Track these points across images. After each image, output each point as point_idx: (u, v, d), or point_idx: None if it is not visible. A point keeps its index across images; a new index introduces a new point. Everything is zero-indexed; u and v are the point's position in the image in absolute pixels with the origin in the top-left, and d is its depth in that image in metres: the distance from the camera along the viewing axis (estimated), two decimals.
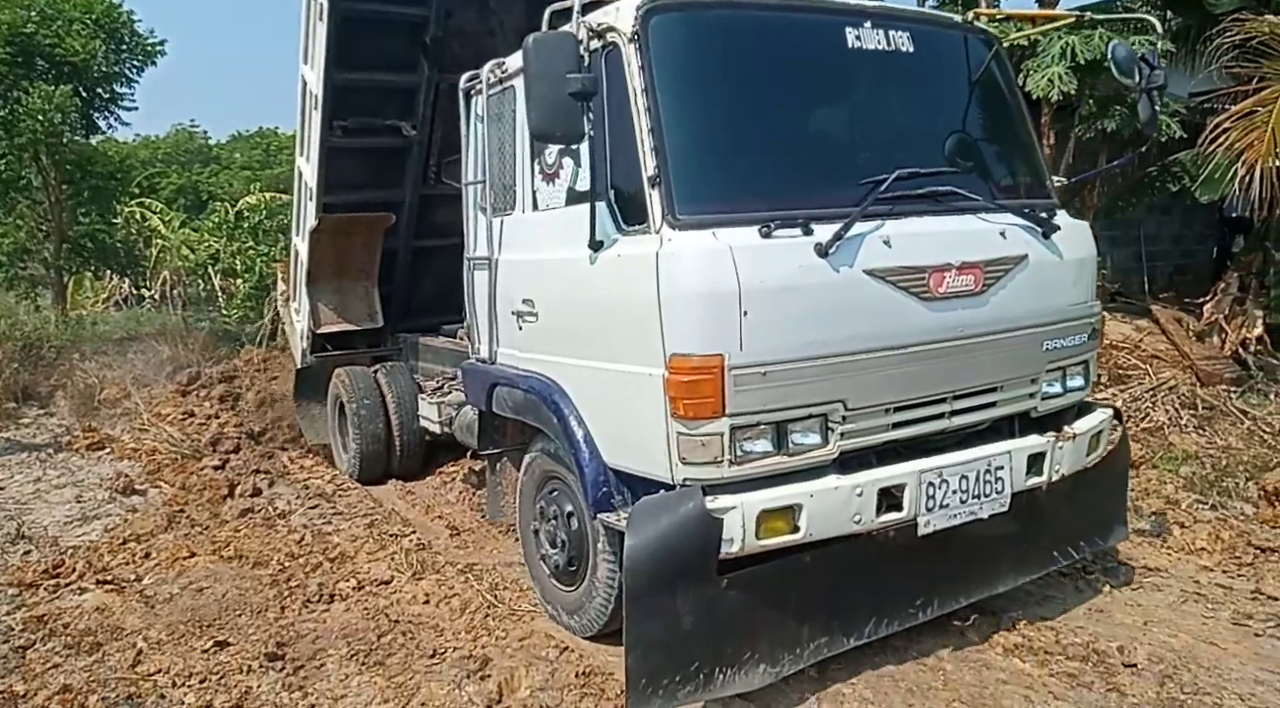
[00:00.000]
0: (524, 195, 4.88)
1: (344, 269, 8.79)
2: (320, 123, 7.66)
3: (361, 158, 8.27)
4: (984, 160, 4.76)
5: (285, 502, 7.68)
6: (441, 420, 7.18)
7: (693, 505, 3.63)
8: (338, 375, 8.65)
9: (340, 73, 7.51)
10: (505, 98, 4.99)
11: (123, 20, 18.04)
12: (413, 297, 9.32)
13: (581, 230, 4.19)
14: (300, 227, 9.02)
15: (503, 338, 5.12)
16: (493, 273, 5.09)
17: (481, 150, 5.27)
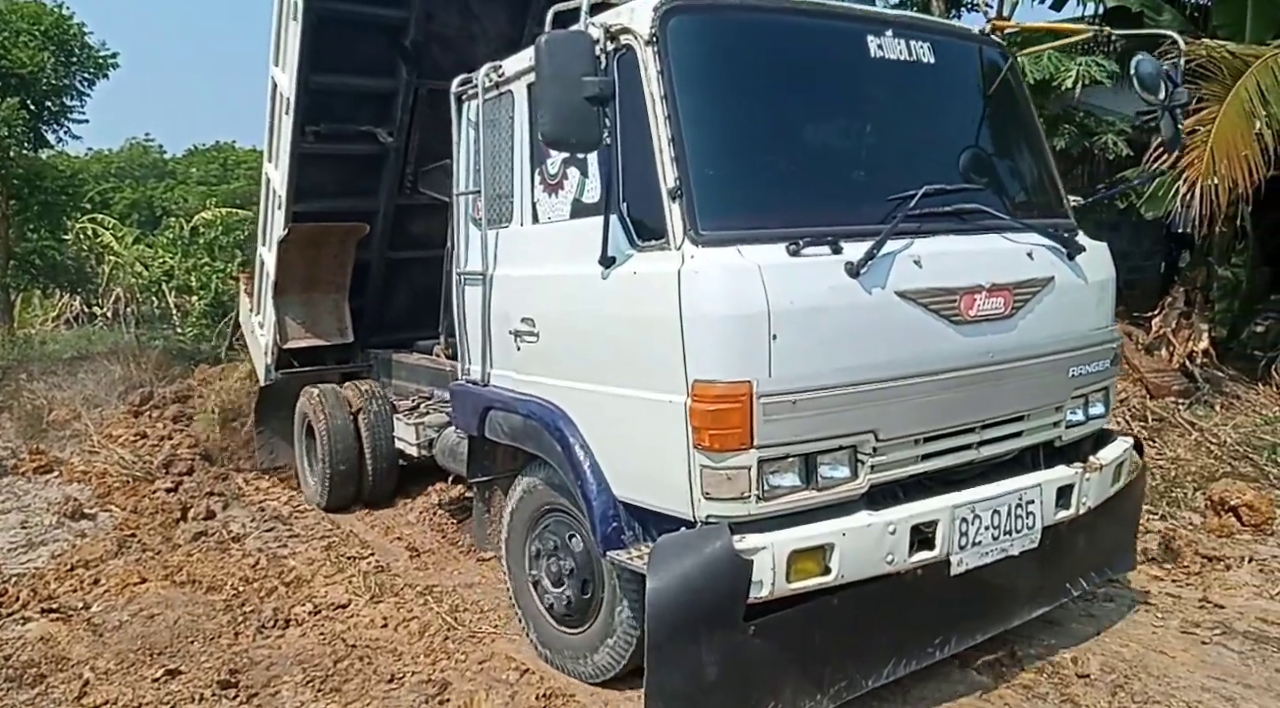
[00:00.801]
0: (523, 207, 4.55)
1: (313, 281, 8.33)
2: (292, 128, 7.25)
3: (334, 165, 7.86)
4: (1004, 177, 4.53)
5: (240, 525, 7.41)
6: (419, 443, 6.77)
7: (719, 545, 3.28)
8: (306, 394, 8.15)
9: (314, 75, 7.09)
10: (502, 103, 4.66)
11: (73, 32, 17.50)
12: (384, 311, 8.87)
13: (589, 245, 3.89)
14: (267, 236, 8.58)
15: (497, 358, 4.77)
16: (487, 289, 4.74)
17: (474, 159, 4.93)
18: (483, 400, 4.81)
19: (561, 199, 4.29)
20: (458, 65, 7.51)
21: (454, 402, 5.19)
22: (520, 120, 4.53)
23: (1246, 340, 10.89)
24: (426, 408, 7.31)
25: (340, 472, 7.68)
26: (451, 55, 7.47)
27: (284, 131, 7.45)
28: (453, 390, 5.22)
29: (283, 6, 7.15)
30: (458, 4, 7.35)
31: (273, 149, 7.95)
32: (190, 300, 16.75)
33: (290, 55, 7.06)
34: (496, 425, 4.68)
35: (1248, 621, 5.10)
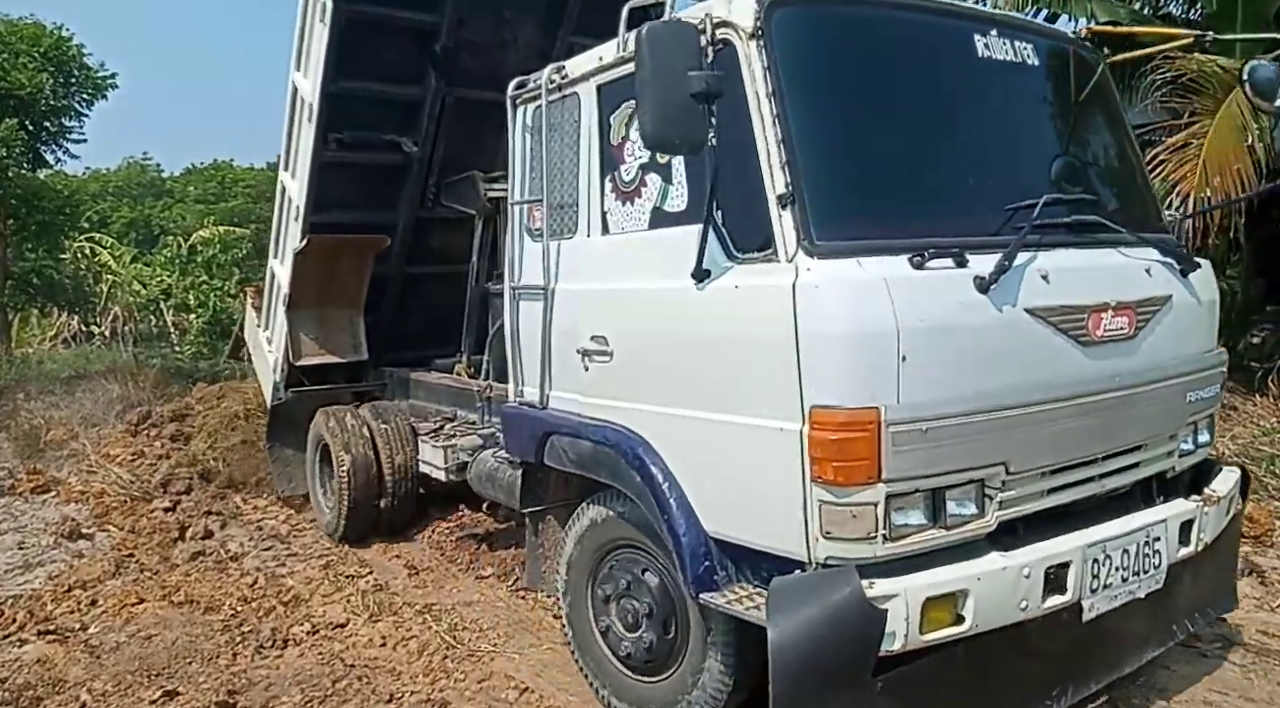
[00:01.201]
0: (590, 217, 4.19)
1: (328, 296, 7.89)
2: (314, 135, 6.84)
3: (355, 175, 7.46)
4: (1109, 188, 4.22)
5: (238, 544, 7.31)
6: (448, 467, 6.34)
7: (849, 592, 2.90)
8: (322, 416, 7.66)
9: (340, 81, 6.72)
10: (566, 106, 4.30)
11: (72, 54, 17.54)
12: (399, 328, 8.44)
13: (673, 257, 3.55)
14: (280, 248, 8.15)
15: (559, 379, 4.38)
16: (548, 305, 4.36)
17: (532, 166, 4.59)
18: (543, 425, 4.41)
19: (638, 208, 3.92)
20: (487, 74, 7.22)
21: (506, 425, 4.78)
22: (588, 124, 4.17)
23: (1243, 352, 10.69)
24: (452, 430, 6.85)
25: (359, 499, 7.20)
26: (480, 63, 7.14)
27: (305, 139, 7.07)
28: (504, 413, 4.83)
29: (308, 8, 6.78)
30: (490, 10, 7.02)
31: (291, 157, 7.54)
32: (188, 318, 17.01)
33: (315, 59, 6.69)
34: (560, 452, 4.27)
35: (1249, 633, 4.96)
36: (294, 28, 6.98)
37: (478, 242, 7.41)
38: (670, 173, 3.73)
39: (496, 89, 7.35)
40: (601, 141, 4.12)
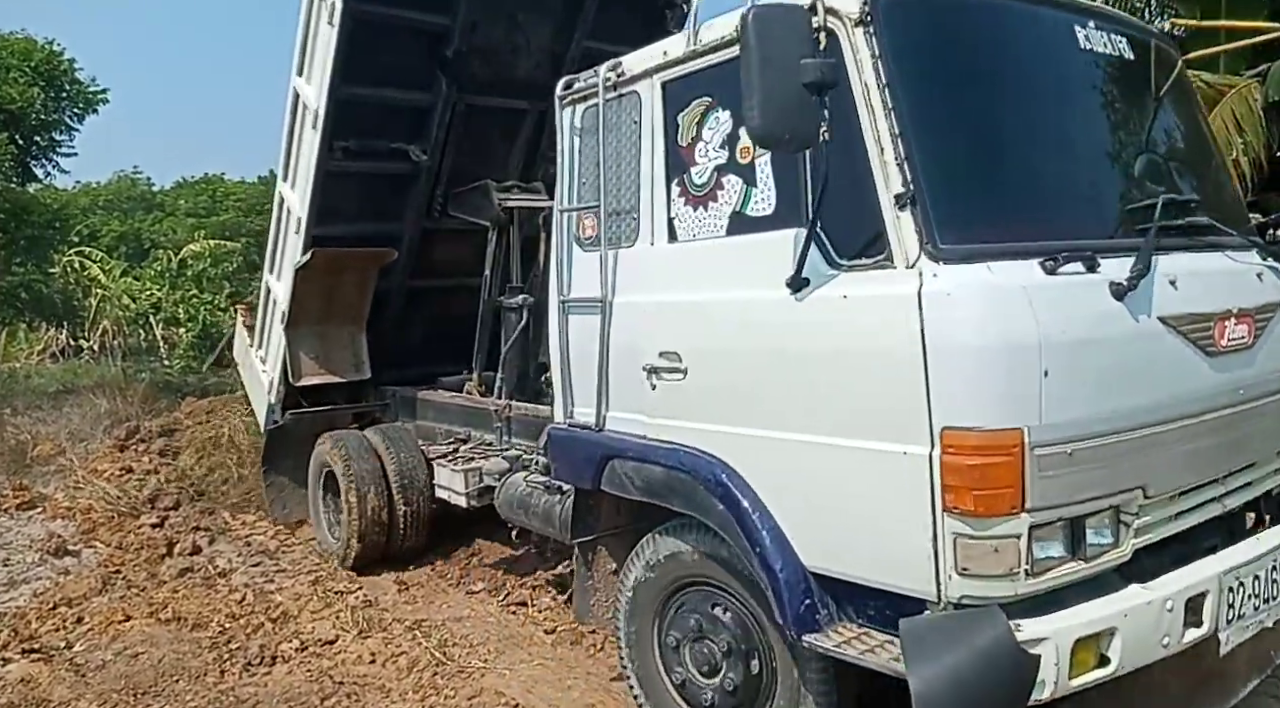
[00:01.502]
0: (653, 224, 3.81)
1: (329, 313, 7.38)
2: (318, 143, 6.38)
3: (360, 185, 7.00)
4: (1205, 188, 3.82)
5: (226, 560, 7.10)
6: (469, 492, 5.89)
7: (999, 636, 2.54)
8: (326, 441, 7.13)
9: (347, 87, 6.26)
10: (624, 106, 3.94)
11: (63, 68, 17.16)
12: (399, 344, 7.92)
13: (759, 266, 3.22)
14: (276, 263, 7.63)
15: (619, 399, 3.99)
16: (605, 319, 3.98)
17: (583, 171, 4.20)
18: (601, 448, 4.02)
19: (713, 213, 3.56)
20: (498, 80, 6.87)
21: (555, 449, 4.38)
22: (651, 125, 3.81)
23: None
24: (469, 452, 6.38)
25: (369, 527, 6.67)
26: (492, 69, 6.78)
27: (308, 147, 6.60)
28: (553, 436, 4.43)
29: (313, 10, 6.33)
30: (503, 13, 6.63)
31: (291, 168, 7.05)
32: (178, 333, 16.41)
33: (320, 64, 6.24)
34: (623, 478, 3.88)
35: None
36: (296, 32, 6.54)
37: (491, 254, 7.01)
38: (753, 174, 3.38)
39: (507, 96, 7.06)
40: (667, 143, 3.75)
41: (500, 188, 6.88)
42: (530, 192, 7.07)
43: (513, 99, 7.05)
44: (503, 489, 5.44)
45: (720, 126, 3.54)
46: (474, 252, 7.67)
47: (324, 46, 6.10)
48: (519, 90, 7.01)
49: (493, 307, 7.08)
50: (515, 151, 7.50)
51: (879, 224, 2.90)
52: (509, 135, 7.38)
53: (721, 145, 3.53)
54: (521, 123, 7.33)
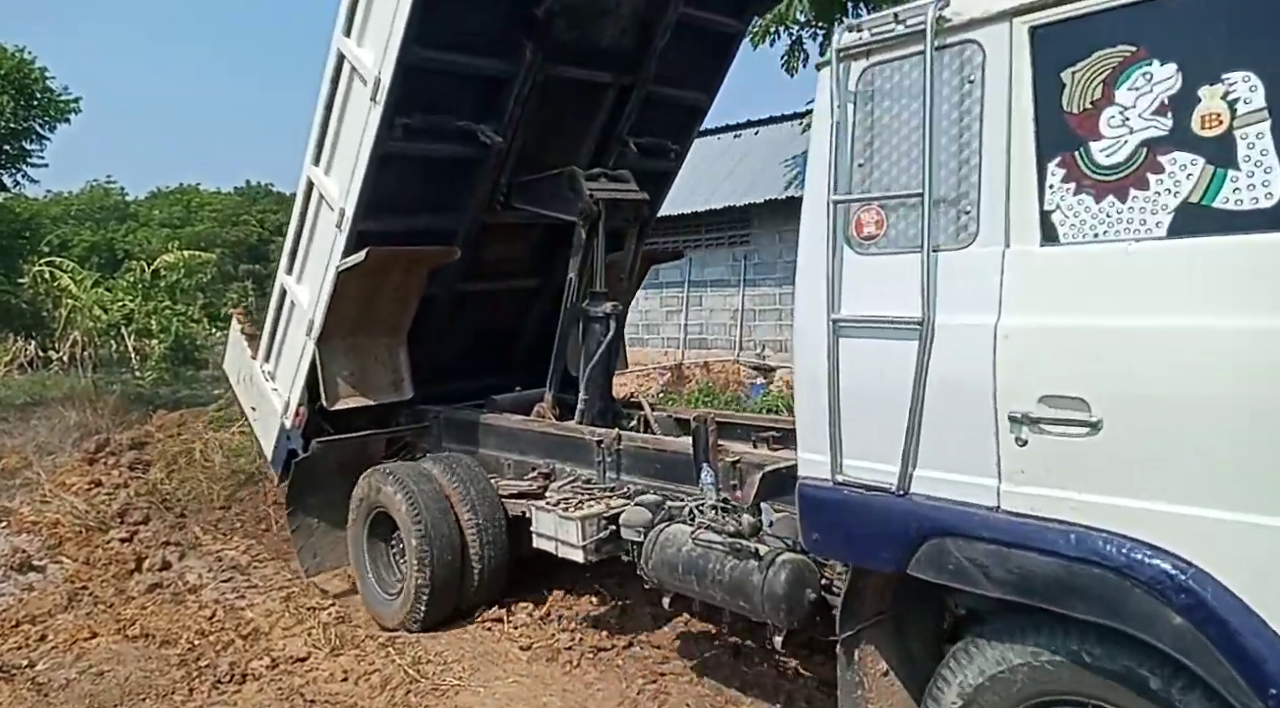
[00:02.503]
0: (1008, 219, 2.61)
1: (365, 322, 5.81)
2: (379, 119, 4.92)
3: (416, 171, 5.47)
4: None
5: (196, 575, 6.54)
6: (588, 545, 4.44)
7: None
8: (377, 477, 5.58)
9: (420, 50, 4.81)
10: (960, 62, 2.71)
11: (34, 77, 15.56)
12: (437, 358, 6.35)
13: (1249, 281, 2.13)
14: (299, 264, 5.99)
15: (944, 455, 2.76)
16: (925, 346, 2.73)
17: (868, 148, 2.94)
18: (916, 521, 2.81)
19: (1140, 205, 2.39)
20: (580, 49, 5.43)
21: (819, 515, 3.13)
22: (1006, 84, 2.60)
23: None
24: (566, 491, 4.95)
25: (441, 581, 5.22)
26: (575, 35, 5.37)
27: (357, 125, 5.13)
28: (812, 496, 3.12)
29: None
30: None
31: (329, 150, 5.49)
32: (150, 344, 15.00)
33: (387, 20, 4.78)
34: (964, 565, 2.68)
35: None
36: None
37: (579, 254, 5.59)
38: (1229, 152, 2.23)
39: (591, 67, 5.59)
40: (1040, 109, 2.56)
41: (590, 176, 5.55)
42: (618, 181, 5.75)
43: (596, 71, 5.68)
44: (656, 547, 4.10)
45: (1156, 86, 2.32)
46: (529, 251, 6.43)
47: (399, 10, 4.65)
48: (603, 61, 5.67)
49: (575, 315, 5.71)
50: (588, 136, 6.09)
51: None
52: (584, 115, 5.99)
53: (1158, 111, 2.29)
54: (601, 100, 5.96)
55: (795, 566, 3.57)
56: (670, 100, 6.13)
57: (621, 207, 5.68)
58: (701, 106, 6.48)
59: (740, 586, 3.62)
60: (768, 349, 15.14)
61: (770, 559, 3.58)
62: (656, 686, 4.53)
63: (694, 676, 4.64)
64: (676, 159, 6.56)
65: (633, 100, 5.87)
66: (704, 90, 6.35)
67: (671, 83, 5.97)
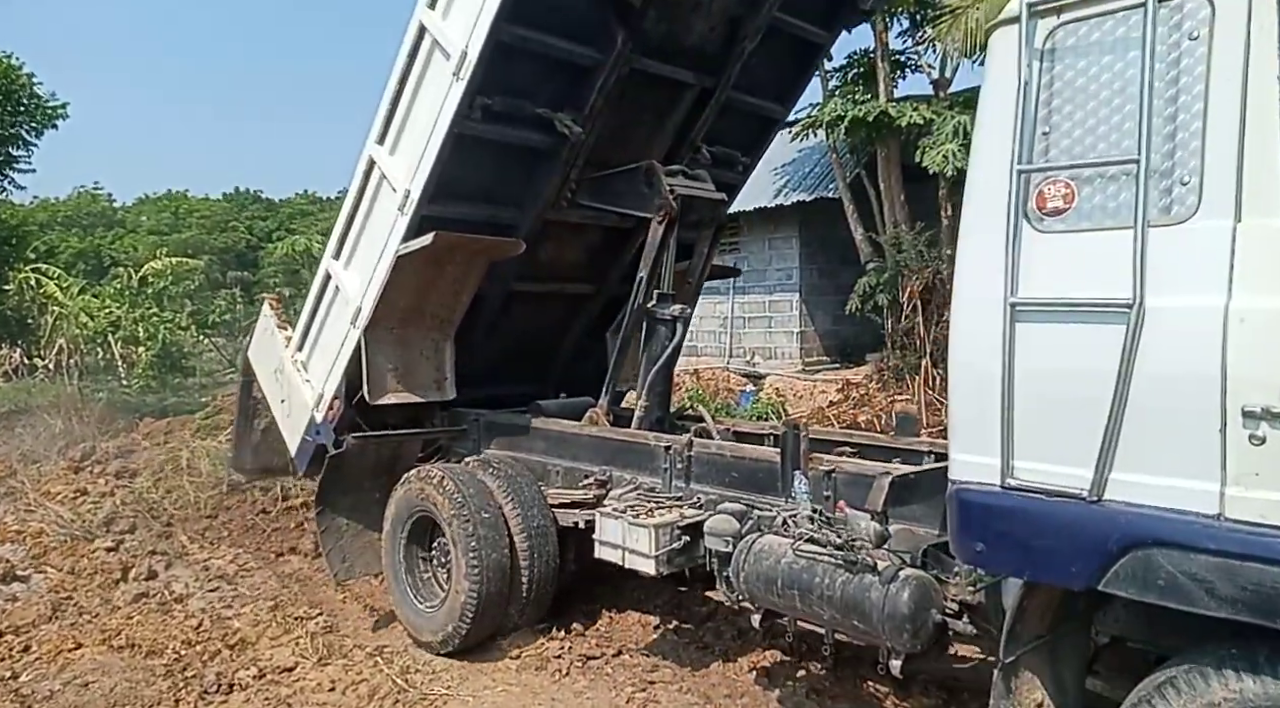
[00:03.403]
0: (1240, 190, 2.27)
1: (416, 314, 5.42)
2: (460, 96, 4.60)
3: (488, 158, 5.16)
4: None
5: (183, 585, 6.34)
6: (660, 555, 4.05)
7: None
8: (420, 480, 5.15)
9: (513, 26, 4.51)
10: (1185, 11, 2.39)
11: (21, 82, 15.32)
12: (477, 359, 5.93)
13: None
14: (350, 248, 5.58)
15: (1150, 455, 2.38)
16: (1133, 332, 2.35)
17: (1063, 114, 2.60)
18: (1116, 529, 2.42)
19: None
20: (668, 43, 5.10)
21: (989, 522, 2.72)
22: (1255, 41, 2.27)
23: None
24: (631, 498, 4.54)
25: (490, 597, 4.78)
26: (664, 29, 5.06)
27: (434, 100, 4.79)
28: (978, 503, 2.72)
29: None
30: None
31: (398, 127, 5.11)
32: (137, 352, 14.39)
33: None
34: (1185, 581, 2.30)
35: None
36: None
37: (652, 251, 5.23)
38: None
39: (676, 63, 5.27)
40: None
41: (667, 171, 5.24)
42: (695, 178, 5.44)
43: (680, 68, 5.37)
44: (750, 558, 3.69)
45: None
46: (586, 254, 6.09)
47: None
48: (688, 58, 5.37)
49: (640, 316, 5.35)
50: (662, 136, 5.76)
51: None
52: (662, 114, 5.67)
53: None
54: (680, 100, 5.65)
55: (920, 583, 3.21)
56: (746, 108, 5.90)
57: (698, 205, 5.41)
58: (776, 118, 6.28)
59: (855, 603, 3.22)
60: (757, 356, 15.00)
61: (891, 575, 3.21)
62: (646, 694, 4.40)
63: (683, 683, 4.49)
64: (744, 172, 6.33)
65: (712, 104, 5.60)
66: (780, 102, 6.15)
67: (750, 91, 5.75)
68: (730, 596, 3.87)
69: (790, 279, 14.84)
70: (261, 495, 8.14)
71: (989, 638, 3.16)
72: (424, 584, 5.18)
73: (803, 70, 6.14)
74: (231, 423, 10.36)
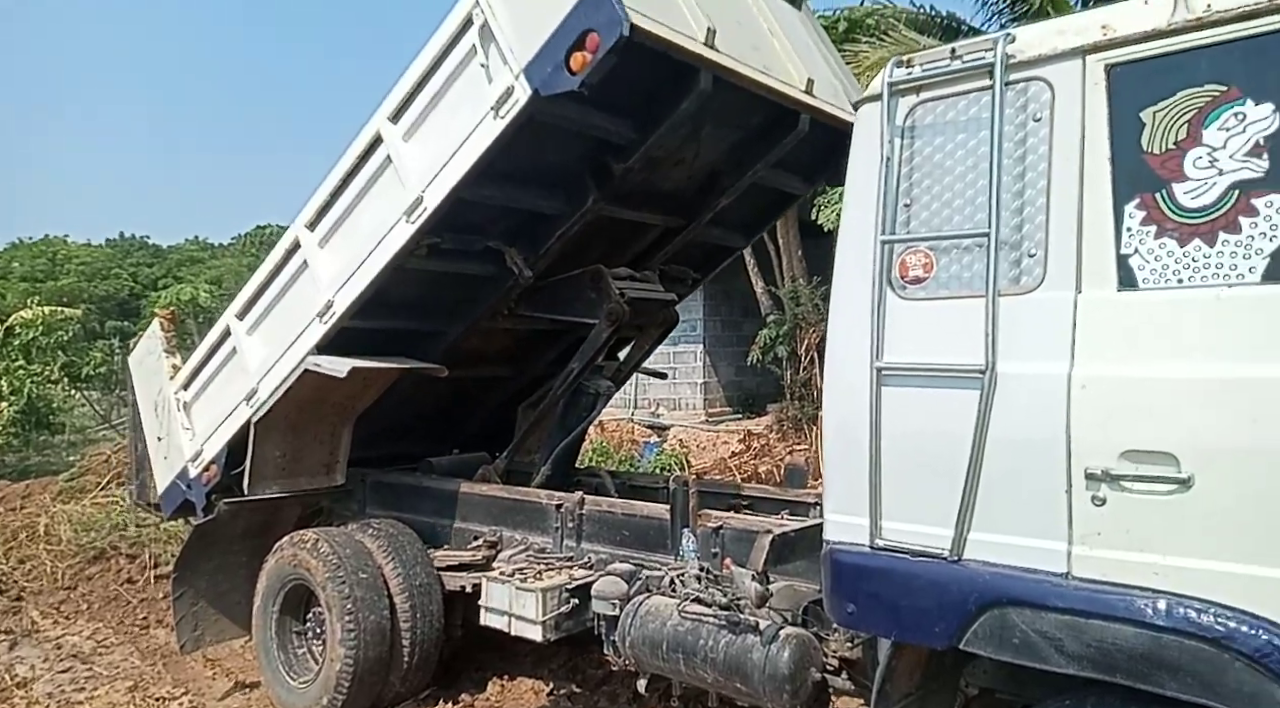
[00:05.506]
0: (1080, 262, 2.45)
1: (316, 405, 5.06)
2: (409, 236, 4.32)
3: (425, 282, 4.88)
4: None
5: (29, 667, 5.90)
6: (547, 620, 3.94)
7: None
8: (295, 546, 4.93)
9: (478, 187, 4.25)
10: (1030, 94, 2.58)
11: None
12: (376, 425, 5.60)
13: None
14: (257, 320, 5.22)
15: (1003, 516, 2.50)
16: (986, 396, 2.48)
17: (921, 186, 2.75)
18: (975, 589, 2.51)
19: (1231, 250, 2.26)
20: (643, 191, 4.92)
21: (856, 582, 2.75)
22: (1080, 122, 2.47)
23: None
24: (520, 561, 4.49)
25: (367, 666, 4.56)
26: (643, 178, 4.82)
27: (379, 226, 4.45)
28: (846, 562, 2.79)
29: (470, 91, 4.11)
30: (689, 126, 4.55)
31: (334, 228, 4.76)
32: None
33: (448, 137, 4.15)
34: (1032, 638, 2.39)
35: None
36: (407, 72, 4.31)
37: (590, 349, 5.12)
38: None
39: (644, 209, 5.16)
40: (1116, 149, 2.43)
41: (614, 275, 5.10)
42: (644, 281, 5.34)
43: (648, 213, 5.23)
44: (635, 621, 3.65)
45: (1250, 126, 2.26)
46: (514, 343, 5.85)
47: (471, 138, 4.06)
48: (660, 203, 5.21)
49: (572, 389, 5.30)
50: (619, 260, 5.49)
51: None
52: (622, 246, 5.47)
53: (1252, 152, 2.22)
54: (644, 236, 5.49)
55: (800, 642, 3.25)
56: (710, 239, 5.79)
57: (648, 308, 5.28)
58: (736, 247, 6.23)
59: (738, 665, 3.24)
60: (662, 408, 15.08)
61: (772, 635, 3.25)
62: None
63: None
64: (694, 285, 6.22)
65: (676, 241, 5.51)
66: (745, 235, 6.10)
67: (718, 223, 5.56)
68: (617, 660, 3.82)
69: (695, 330, 15.08)
70: (128, 563, 7.64)
71: (868, 692, 3.24)
72: (298, 659, 4.92)
73: (775, 213, 6.18)
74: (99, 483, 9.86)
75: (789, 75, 4.47)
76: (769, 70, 4.35)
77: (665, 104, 4.23)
